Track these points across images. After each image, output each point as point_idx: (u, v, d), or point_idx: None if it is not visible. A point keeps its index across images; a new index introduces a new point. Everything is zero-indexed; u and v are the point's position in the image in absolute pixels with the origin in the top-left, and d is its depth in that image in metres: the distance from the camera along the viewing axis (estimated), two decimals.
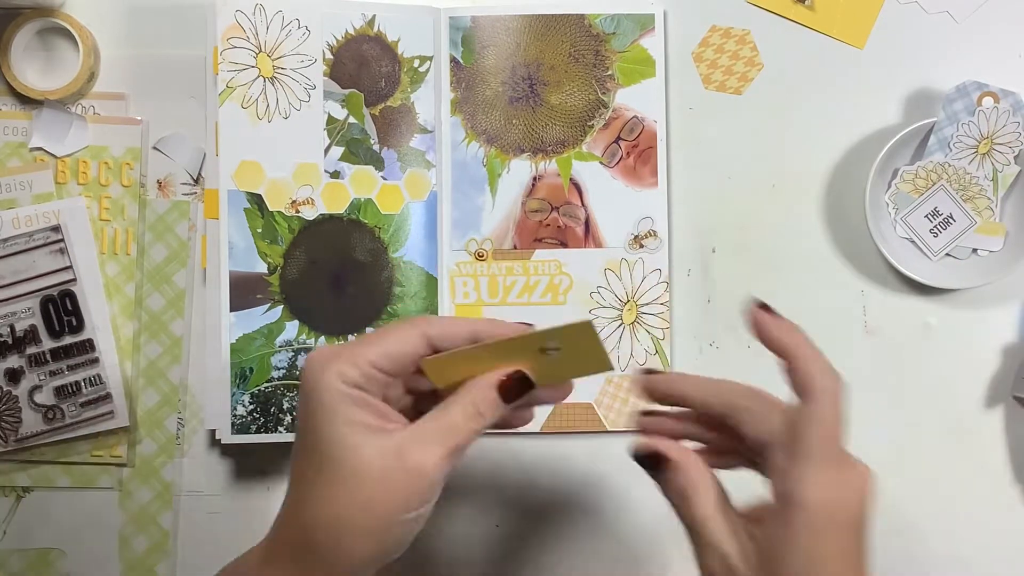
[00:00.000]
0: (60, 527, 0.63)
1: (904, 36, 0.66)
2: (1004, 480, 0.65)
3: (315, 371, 0.43)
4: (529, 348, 0.45)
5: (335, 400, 0.42)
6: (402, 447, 0.42)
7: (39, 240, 0.62)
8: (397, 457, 0.42)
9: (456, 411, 0.44)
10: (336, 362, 0.43)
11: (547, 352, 0.45)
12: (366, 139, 0.64)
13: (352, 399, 0.43)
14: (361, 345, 0.44)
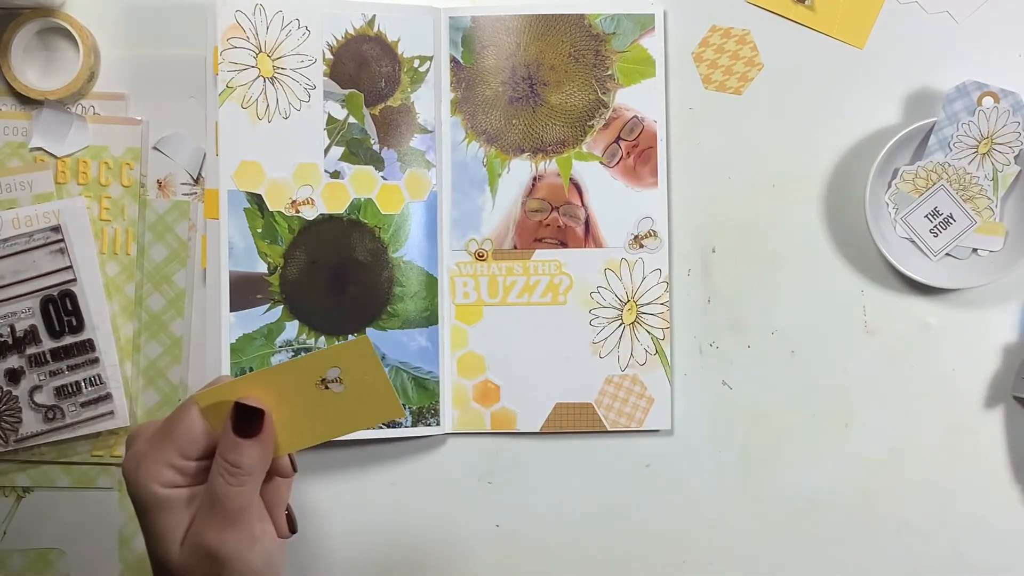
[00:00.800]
0: (60, 527, 0.63)
1: (904, 36, 0.66)
2: (1004, 480, 0.65)
3: (132, 478, 0.44)
4: (303, 378, 0.43)
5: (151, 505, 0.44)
6: (196, 539, 0.44)
7: (39, 240, 0.62)
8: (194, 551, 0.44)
9: (215, 478, 0.44)
10: (148, 467, 0.44)
11: (327, 385, 0.43)
12: (366, 139, 0.64)
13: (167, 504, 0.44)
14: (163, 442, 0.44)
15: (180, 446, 0.44)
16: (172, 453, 0.44)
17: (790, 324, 0.65)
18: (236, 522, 0.44)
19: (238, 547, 0.44)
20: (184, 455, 0.44)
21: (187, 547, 0.44)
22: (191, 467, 0.45)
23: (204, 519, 0.44)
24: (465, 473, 0.65)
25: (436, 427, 0.64)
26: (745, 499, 0.65)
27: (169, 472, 0.44)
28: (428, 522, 0.65)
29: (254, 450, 0.44)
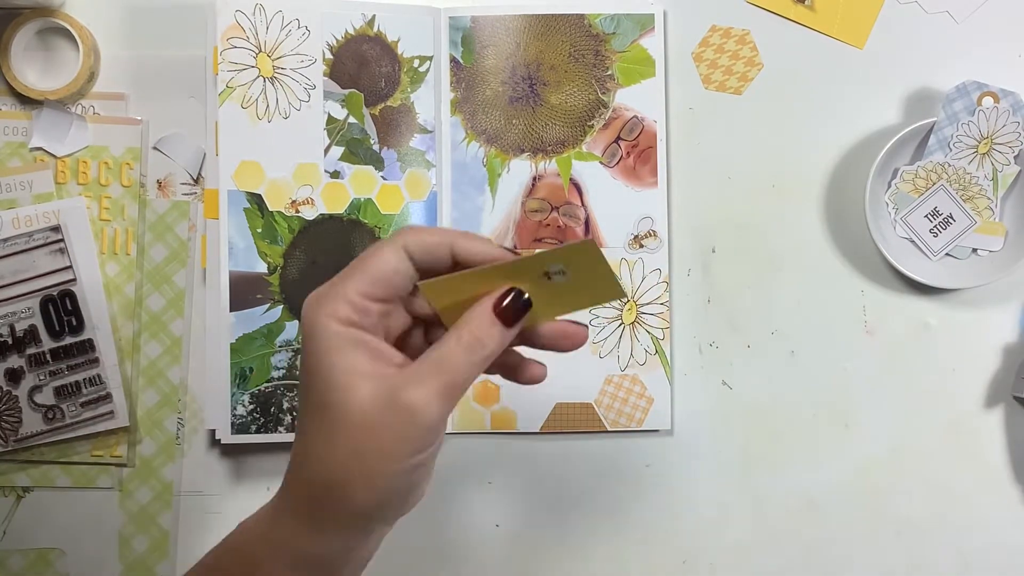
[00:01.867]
0: (60, 527, 0.63)
1: (904, 36, 0.66)
2: (1004, 480, 0.65)
3: (309, 315, 0.41)
4: (531, 272, 0.42)
5: (329, 344, 0.40)
6: (394, 389, 0.40)
7: (39, 240, 0.62)
8: (388, 400, 0.39)
9: (451, 343, 0.41)
10: (327, 302, 0.41)
11: (551, 277, 0.42)
12: (366, 139, 0.64)
13: (346, 340, 0.40)
14: (347, 278, 0.41)
15: (364, 283, 0.41)
16: (353, 290, 0.41)
17: (790, 324, 0.65)
18: (446, 394, 0.40)
19: (432, 416, 0.40)
20: (367, 293, 0.41)
21: (376, 394, 0.40)
22: (373, 308, 0.41)
23: (415, 374, 0.40)
24: (465, 473, 0.65)
25: None
26: (745, 499, 0.65)
27: (348, 308, 0.40)
28: (428, 522, 0.65)
29: (504, 336, 0.42)
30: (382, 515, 0.42)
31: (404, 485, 0.41)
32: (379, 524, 0.43)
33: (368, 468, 0.40)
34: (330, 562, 0.42)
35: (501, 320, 0.42)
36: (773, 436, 0.65)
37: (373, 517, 0.42)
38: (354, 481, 0.40)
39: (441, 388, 0.40)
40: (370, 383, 0.40)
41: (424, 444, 0.40)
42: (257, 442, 0.62)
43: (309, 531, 0.41)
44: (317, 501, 0.41)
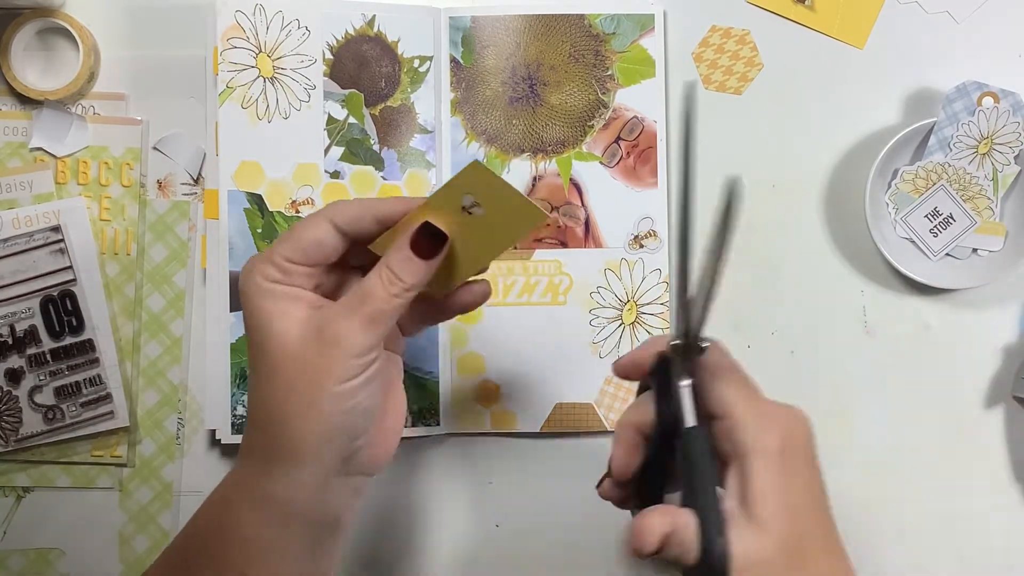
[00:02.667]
0: (60, 527, 0.63)
1: (904, 36, 0.66)
2: (1004, 480, 0.65)
3: (242, 278, 0.46)
4: (448, 206, 0.45)
5: (260, 297, 0.45)
6: (321, 322, 0.44)
7: (39, 240, 0.62)
8: (316, 333, 0.44)
9: (372, 278, 0.45)
10: (257, 265, 0.45)
11: (470, 211, 0.45)
12: (366, 139, 0.64)
13: (274, 292, 0.45)
14: (277, 243, 0.46)
15: (289, 249, 0.45)
16: (279, 254, 0.45)
17: (790, 324, 0.65)
18: (369, 324, 0.44)
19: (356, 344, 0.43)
20: (291, 258, 0.45)
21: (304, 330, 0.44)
22: (298, 271, 0.45)
23: (340, 308, 0.44)
24: (465, 473, 0.65)
25: (436, 427, 0.64)
26: None
27: (273, 269, 0.45)
28: (428, 522, 0.65)
29: (422, 270, 0.45)
30: (330, 450, 0.44)
31: (343, 415, 0.44)
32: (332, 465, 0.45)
33: (302, 399, 0.43)
34: (288, 501, 0.44)
35: (416, 252, 0.45)
36: None
37: (320, 450, 0.44)
38: (292, 414, 0.43)
39: (364, 318, 0.44)
40: (299, 322, 0.44)
41: (351, 372, 0.43)
42: None
43: (263, 470, 0.44)
44: (269, 440, 0.44)
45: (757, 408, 0.44)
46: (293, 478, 0.44)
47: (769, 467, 0.42)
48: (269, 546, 0.44)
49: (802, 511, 0.42)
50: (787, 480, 0.42)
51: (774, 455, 0.42)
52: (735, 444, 0.43)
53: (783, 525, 0.41)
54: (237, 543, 0.45)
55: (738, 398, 0.44)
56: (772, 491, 0.41)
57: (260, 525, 0.44)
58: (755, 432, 0.42)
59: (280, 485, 0.44)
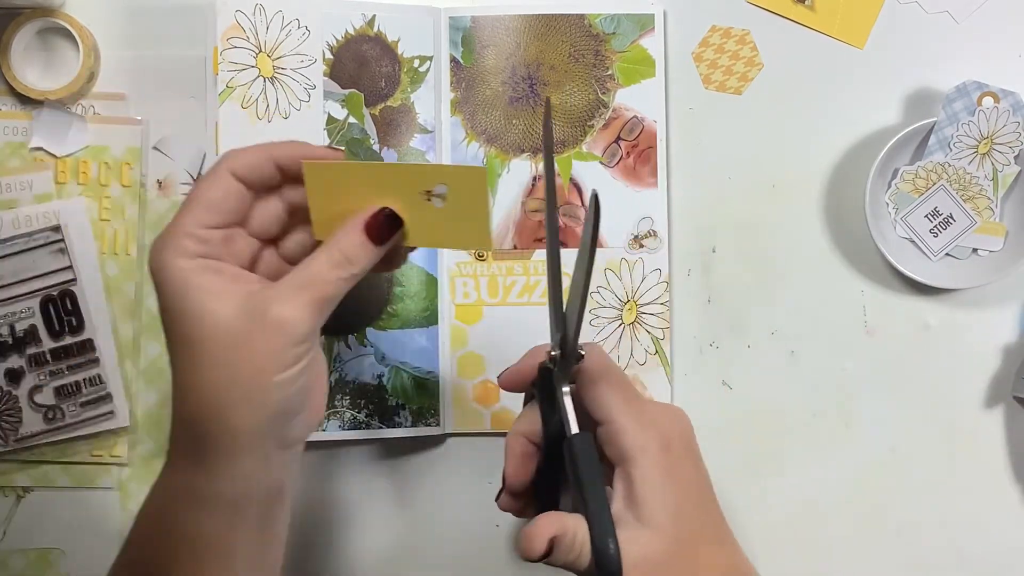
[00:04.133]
0: (60, 527, 0.63)
1: (904, 36, 0.66)
2: (1004, 480, 0.65)
3: (154, 258, 0.41)
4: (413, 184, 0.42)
5: (182, 275, 0.41)
6: (261, 305, 0.40)
7: (39, 240, 0.62)
8: (256, 316, 0.40)
9: (321, 260, 0.42)
10: (168, 241, 0.41)
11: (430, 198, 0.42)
12: (366, 139, 0.64)
13: (198, 269, 0.41)
14: (182, 214, 0.42)
15: (199, 213, 0.42)
16: (191, 222, 0.41)
17: (790, 324, 0.65)
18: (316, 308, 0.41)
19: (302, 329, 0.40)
20: (204, 223, 0.42)
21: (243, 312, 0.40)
22: (214, 236, 0.42)
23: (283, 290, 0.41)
24: (465, 473, 0.65)
25: (436, 427, 0.64)
26: (745, 499, 0.65)
27: (189, 241, 0.41)
28: (428, 522, 0.65)
29: (373, 254, 0.43)
30: (270, 436, 0.42)
31: (284, 402, 0.41)
32: (272, 448, 0.42)
33: (244, 387, 0.40)
34: (234, 495, 0.42)
35: (371, 238, 0.43)
36: (773, 436, 0.65)
37: (260, 439, 0.41)
38: (232, 403, 0.40)
39: (311, 302, 0.41)
40: (231, 302, 0.40)
41: (296, 358, 0.41)
42: None
43: (204, 469, 0.41)
44: (203, 436, 0.41)
45: (636, 411, 0.44)
46: (235, 470, 0.41)
47: (651, 468, 0.43)
48: (219, 540, 0.42)
49: (687, 507, 0.43)
50: (670, 479, 0.43)
51: (655, 456, 0.43)
52: (618, 448, 0.44)
53: (670, 523, 0.42)
54: (185, 545, 0.42)
55: (617, 402, 0.45)
56: (656, 491, 0.43)
57: (207, 523, 0.42)
58: (635, 435, 0.44)
59: (223, 481, 0.41)
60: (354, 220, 0.43)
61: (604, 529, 0.42)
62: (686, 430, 0.46)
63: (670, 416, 0.46)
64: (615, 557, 0.41)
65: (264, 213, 0.45)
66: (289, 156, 0.43)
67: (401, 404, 0.63)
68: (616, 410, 0.44)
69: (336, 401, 0.62)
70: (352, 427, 0.62)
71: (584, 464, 0.44)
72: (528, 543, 0.43)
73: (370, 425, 0.63)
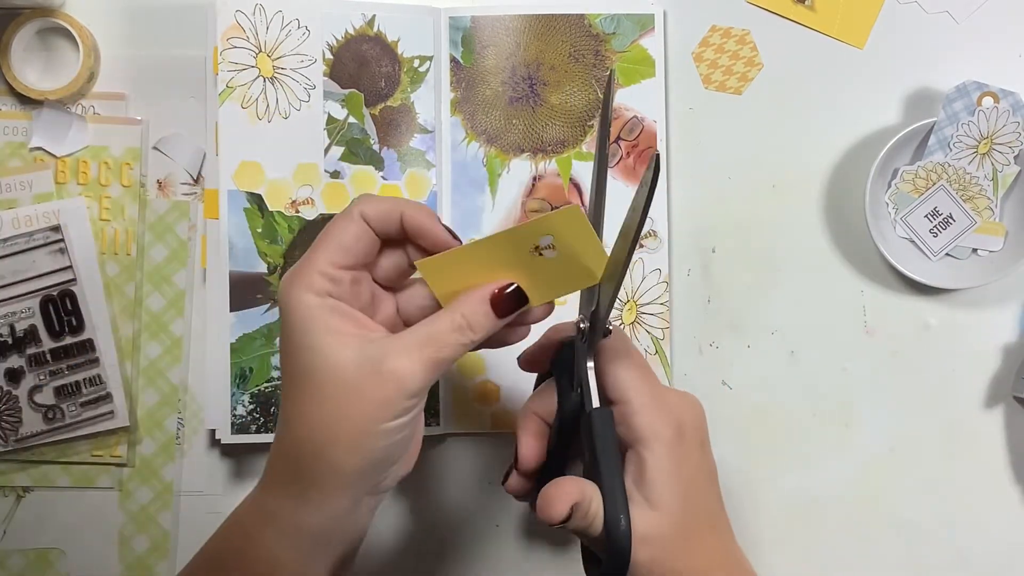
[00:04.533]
0: (60, 527, 0.63)
1: (904, 36, 0.66)
2: (1004, 480, 0.65)
3: (285, 291, 0.43)
4: (521, 245, 0.43)
5: (309, 312, 0.42)
6: (380, 354, 0.41)
7: (39, 240, 0.62)
8: (374, 364, 0.41)
9: (444, 322, 0.43)
10: (300, 276, 0.43)
11: (542, 252, 0.43)
12: (366, 139, 0.64)
13: (326, 308, 0.42)
14: (315, 251, 0.43)
15: (332, 253, 0.43)
16: (323, 261, 0.43)
17: (790, 324, 0.65)
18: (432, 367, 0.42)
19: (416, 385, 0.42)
20: (336, 263, 0.43)
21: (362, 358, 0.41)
22: (344, 276, 0.43)
23: (404, 343, 0.42)
24: (465, 473, 0.65)
25: (436, 427, 0.64)
26: (745, 499, 0.65)
27: (321, 279, 0.42)
28: (428, 522, 0.65)
29: (495, 325, 0.44)
30: (366, 481, 0.43)
31: (386, 450, 0.43)
32: (364, 492, 0.44)
33: (352, 430, 0.41)
34: (319, 530, 0.43)
35: (495, 311, 0.44)
36: (773, 436, 0.65)
37: (357, 482, 0.43)
38: (339, 443, 0.41)
39: (427, 361, 0.42)
40: (353, 346, 0.42)
41: (405, 410, 0.42)
42: (257, 442, 0.62)
43: (296, 499, 0.43)
44: (302, 468, 0.42)
45: (653, 395, 0.46)
46: (327, 508, 0.43)
47: (663, 453, 0.44)
48: (294, 570, 0.43)
49: (692, 493, 0.45)
50: (679, 465, 0.45)
51: (668, 441, 0.45)
52: (631, 429, 0.45)
53: (675, 506, 0.44)
54: (260, 566, 0.43)
55: (635, 384, 0.46)
56: (665, 475, 0.44)
57: (286, 550, 0.43)
58: (650, 418, 0.45)
59: (313, 516, 0.43)
60: (482, 290, 0.44)
61: (617, 504, 0.43)
62: (699, 418, 0.48)
63: (686, 403, 0.47)
64: (626, 532, 0.43)
65: (388, 261, 0.46)
66: (414, 222, 0.44)
67: None
68: (634, 391, 0.46)
69: None
70: None
71: (603, 438, 0.45)
72: (549, 506, 0.44)
73: None
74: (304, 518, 0.43)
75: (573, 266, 0.44)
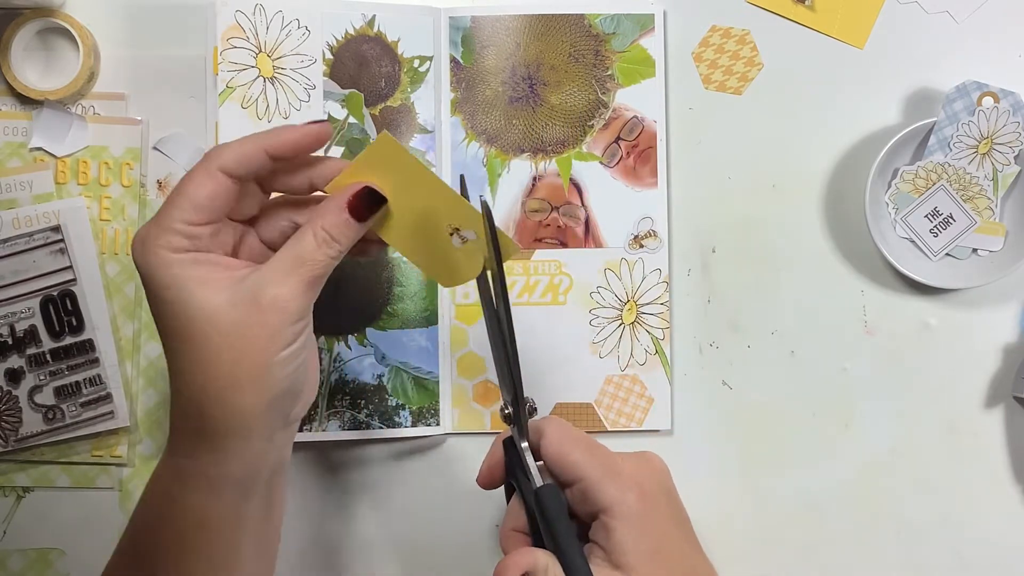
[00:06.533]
0: (60, 527, 0.63)
1: (904, 36, 0.66)
2: (1004, 480, 0.65)
3: (140, 254, 0.42)
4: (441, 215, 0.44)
5: (171, 271, 0.42)
6: (255, 289, 0.42)
7: (39, 240, 0.62)
8: (251, 301, 0.41)
9: (307, 240, 0.43)
10: (155, 237, 0.42)
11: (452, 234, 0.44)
12: (366, 139, 0.64)
13: (188, 262, 0.42)
14: (169, 209, 0.42)
15: (187, 212, 0.42)
16: (178, 219, 0.42)
17: (790, 324, 0.65)
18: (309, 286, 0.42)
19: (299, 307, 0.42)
20: (192, 221, 0.42)
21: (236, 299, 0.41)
22: (202, 232, 0.43)
23: (274, 272, 0.42)
24: (465, 473, 0.65)
25: (436, 427, 0.64)
26: (745, 499, 0.65)
27: (178, 238, 0.42)
28: (428, 522, 0.65)
29: (355, 232, 0.44)
30: (275, 416, 0.43)
31: (286, 380, 0.43)
32: (276, 427, 0.44)
33: (249, 369, 0.41)
34: (240, 475, 0.43)
35: (354, 215, 0.44)
36: (773, 436, 0.65)
37: (266, 419, 0.43)
38: (239, 386, 0.41)
39: (302, 281, 0.42)
40: (226, 290, 0.41)
41: (294, 335, 0.42)
42: None
43: (211, 453, 0.42)
44: (208, 420, 0.42)
45: (605, 466, 0.45)
46: (245, 452, 0.43)
47: (629, 515, 0.44)
48: (228, 518, 0.43)
49: (664, 548, 0.44)
50: (646, 524, 0.44)
51: (632, 504, 0.44)
52: (593, 503, 0.45)
53: (646, 567, 0.43)
54: (194, 526, 0.43)
55: (586, 459, 0.45)
56: (633, 538, 0.43)
57: (216, 504, 0.43)
58: (609, 489, 0.44)
59: (233, 463, 0.43)
60: (337, 198, 0.44)
61: (580, 568, 0.43)
62: (659, 473, 0.47)
63: (642, 462, 0.47)
64: None
65: (247, 200, 0.46)
66: (283, 145, 0.44)
67: (401, 404, 0.63)
68: (587, 466, 0.45)
69: (336, 401, 0.62)
70: (352, 427, 0.62)
71: (551, 509, 0.44)
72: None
73: (370, 425, 0.63)
74: (222, 469, 0.43)
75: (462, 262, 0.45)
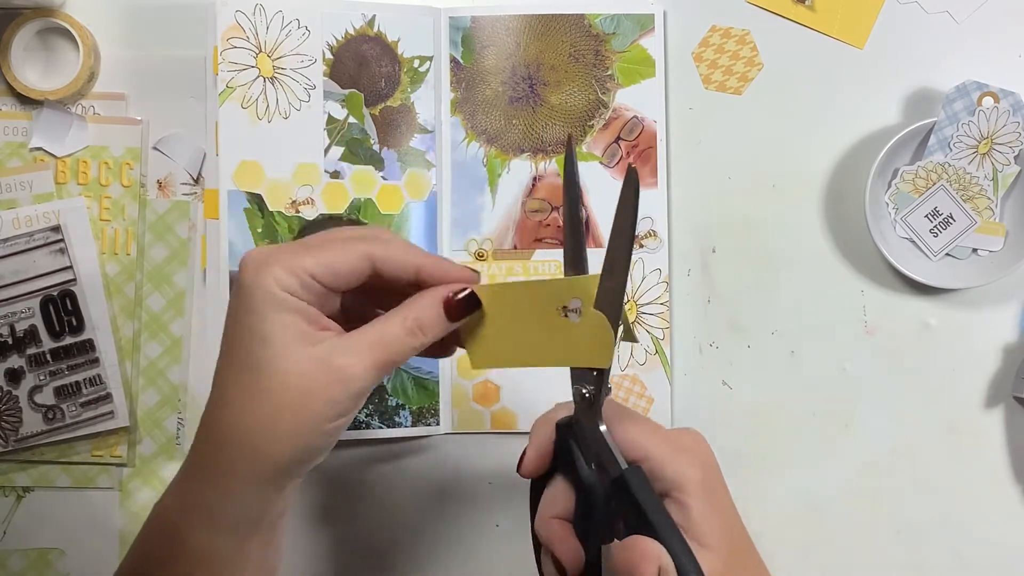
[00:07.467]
0: (60, 527, 0.63)
1: (904, 36, 0.66)
2: (1004, 480, 0.65)
3: (250, 272, 0.42)
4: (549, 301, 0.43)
5: (267, 303, 0.41)
6: (331, 353, 0.41)
7: (39, 240, 0.62)
8: (324, 362, 0.41)
9: (395, 323, 0.43)
10: (273, 266, 0.41)
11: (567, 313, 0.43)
12: (366, 139, 0.64)
13: (285, 305, 0.41)
14: (302, 252, 0.42)
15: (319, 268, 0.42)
16: (308, 267, 0.41)
17: (790, 324, 0.65)
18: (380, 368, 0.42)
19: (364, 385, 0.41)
20: (317, 276, 0.42)
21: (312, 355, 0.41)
22: (318, 289, 0.42)
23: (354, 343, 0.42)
24: (465, 473, 0.65)
25: (436, 427, 0.64)
26: (745, 499, 0.65)
27: (295, 282, 0.41)
28: (428, 522, 0.65)
29: (444, 329, 0.44)
30: (295, 473, 0.43)
31: (324, 444, 0.43)
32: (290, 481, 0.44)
33: (294, 426, 0.41)
34: (248, 519, 0.43)
35: (448, 314, 0.44)
36: (773, 436, 0.65)
37: (287, 474, 0.43)
38: (278, 439, 0.41)
39: (376, 362, 0.42)
40: (307, 345, 0.41)
41: (349, 409, 0.42)
42: None
43: (224, 492, 0.42)
44: (233, 459, 0.42)
45: (670, 442, 0.45)
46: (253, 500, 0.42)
47: (699, 494, 0.44)
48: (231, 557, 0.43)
49: (732, 528, 0.45)
50: (716, 503, 0.45)
51: (700, 482, 0.44)
52: (663, 480, 0.45)
53: (723, 543, 0.44)
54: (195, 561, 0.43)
55: (650, 437, 0.45)
56: (709, 516, 0.44)
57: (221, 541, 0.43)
58: (678, 465, 0.44)
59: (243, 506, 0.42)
60: (435, 293, 0.44)
61: (686, 558, 0.42)
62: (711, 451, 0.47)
63: (697, 440, 0.47)
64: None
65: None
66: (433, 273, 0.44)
67: (401, 404, 0.63)
68: (652, 444, 0.45)
69: None
70: (352, 427, 0.62)
71: (644, 493, 0.44)
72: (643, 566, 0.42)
73: (370, 425, 0.63)
74: (232, 509, 0.42)
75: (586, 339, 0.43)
